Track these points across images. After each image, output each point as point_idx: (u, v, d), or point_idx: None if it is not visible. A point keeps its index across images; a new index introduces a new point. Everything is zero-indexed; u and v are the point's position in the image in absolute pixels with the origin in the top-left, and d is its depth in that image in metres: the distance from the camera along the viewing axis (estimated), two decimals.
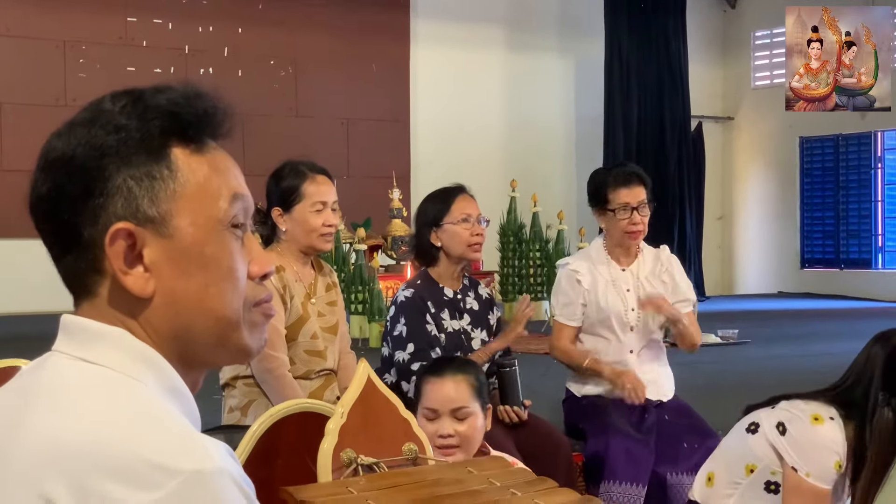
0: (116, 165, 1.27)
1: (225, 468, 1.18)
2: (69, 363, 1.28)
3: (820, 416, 3.34)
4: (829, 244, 16.14)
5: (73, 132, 1.29)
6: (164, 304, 1.29)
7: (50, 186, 1.28)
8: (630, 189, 4.67)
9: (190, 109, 1.32)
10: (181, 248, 1.29)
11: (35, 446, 1.20)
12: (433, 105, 14.74)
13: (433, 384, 3.37)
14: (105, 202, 1.27)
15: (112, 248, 1.26)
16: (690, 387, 5.11)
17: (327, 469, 2.52)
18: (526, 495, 2.46)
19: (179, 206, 1.29)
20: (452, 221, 4.40)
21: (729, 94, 17.14)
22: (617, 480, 4.28)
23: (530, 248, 10.59)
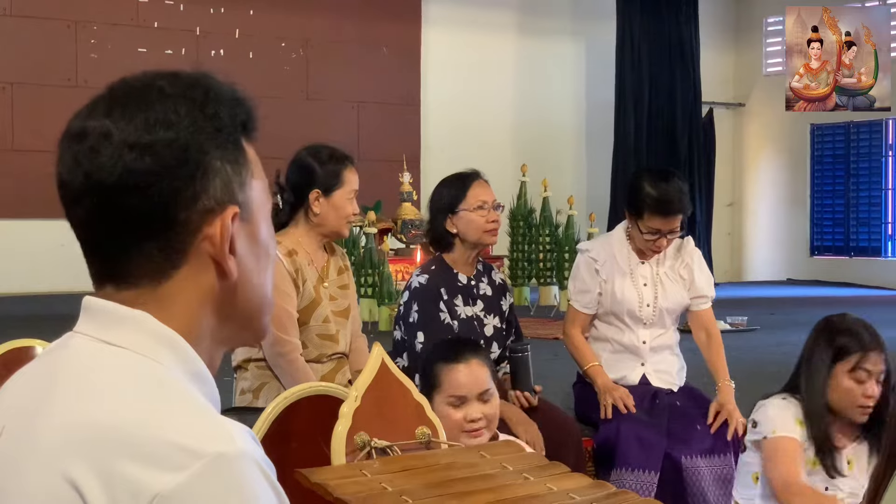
0: (215, 149, 1.28)
1: (248, 451, 1.19)
2: (92, 345, 1.28)
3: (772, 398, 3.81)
4: (838, 232, 16.12)
5: (170, 112, 1.27)
6: (241, 288, 1.32)
7: (151, 165, 1.25)
8: (666, 219, 4.54)
9: (248, 101, 1.35)
10: (253, 234, 1.33)
11: (59, 429, 1.21)
12: (444, 88, 14.72)
13: (456, 371, 3.38)
14: (206, 185, 1.27)
15: (223, 230, 1.27)
16: (701, 373, 5.12)
17: (341, 452, 2.53)
18: (538, 479, 2.47)
19: (253, 194, 1.33)
20: (468, 208, 4.38)
21: (740, 81, 17.09)
22: (629, 467, 4.28)
23: (540, 232, 10.59)
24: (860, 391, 3.69)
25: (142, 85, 1.31)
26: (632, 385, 4.63)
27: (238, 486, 1.16)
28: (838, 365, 3.71)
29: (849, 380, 3.70)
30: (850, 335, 3.73)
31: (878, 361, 3.71)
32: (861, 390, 3.69)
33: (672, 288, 4.70)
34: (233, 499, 1.15)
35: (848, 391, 3.70)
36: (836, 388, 3.72)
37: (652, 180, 4.56)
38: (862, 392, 3.69)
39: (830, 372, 3.72)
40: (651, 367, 4.70)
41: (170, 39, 13.15)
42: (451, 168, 4.66)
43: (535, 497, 2.38)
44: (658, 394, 4.61)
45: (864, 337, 3.73)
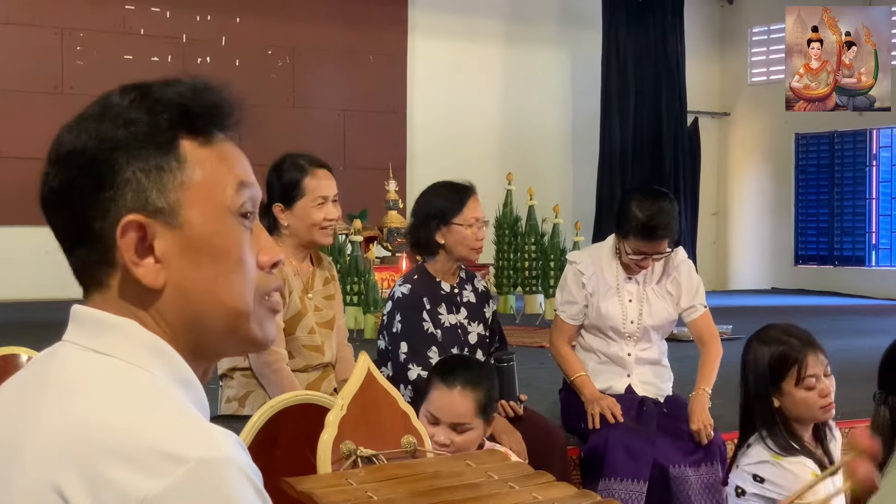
0: (126, 158, 1.28)
1: (233, 457, 1.19)
2: (80, 354, 1.30)
3: (776, 453, 3.68)
4: (823, 241, 16.17)
5: (83, 126, 1.30)
6: (175, 295, 1.30)
7: (61, 180, 1.29)
8: (651, 243, 4.53)
9: (198, 102, 1.33)
10: (191, 239, 1.30)
11: (45, 437, 1.22)
12: (430, 97, 14.73)
13: (441, 392, 3.39)
14: (115, 195, 1.28)
15: (123, 239, 1.27)
16: (687, 381, 5.12)
17: (327, 461, 2.54)
18: (524, 489, 2.48)
19: (188, 196, 1.30)
20: (462, 223, 4.36)
21: (726, 90, 17.14)
22: (617, 477, 4.28)
23: (526, 241, 10.58)
24: (816, 394, 3.69)
25: (101, 98, 1.34)
26: (618, 394, 4.63)
27: (222, 492, 1.16)
28: (783, 383, 3.69)
29: (800, 391, 3.69)
30: (779, 352, 3.71)
31: (816, 362, 3.70)
32: (816, 393, 3.69)
33: (658, 305, 4.68)
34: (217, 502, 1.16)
35: (805, 401, 3.69)
36: (793, 402, 3.70)
37: (641, 202, 4.50)
38: (818, 394, 3.69)
39: (779, 390, 3.70)
40: (637, 378, 4.71)
41: (156, 47, 13.13)
42: (437, 176, 4.65)
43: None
44: (645, 402, 4.61)
45: (793, 344, 3.72)
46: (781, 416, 3.73)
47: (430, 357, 4.24)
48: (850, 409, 5.25)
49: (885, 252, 15.54)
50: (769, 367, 3.71)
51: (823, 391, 3.69)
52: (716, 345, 4.67)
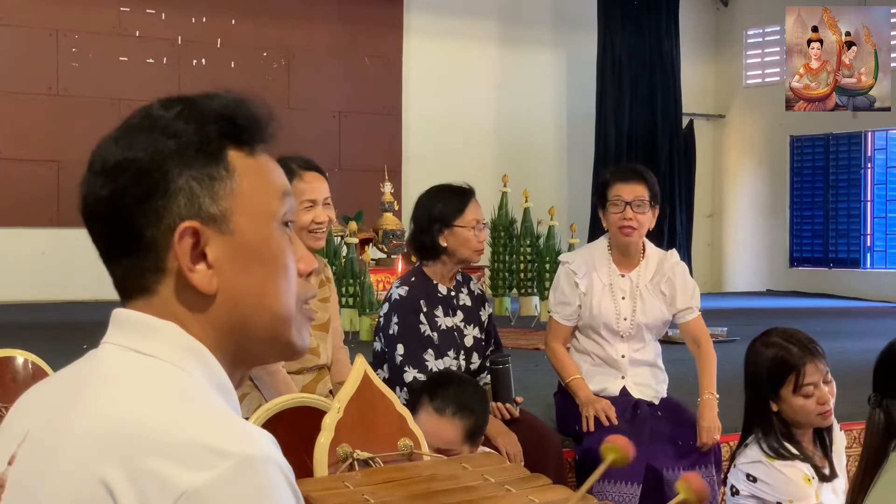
0: (178, 168, 1.31)
1: (273, 455, 1.23)
2: (121, 353, 1.33)
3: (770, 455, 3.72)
4: (818, 243, 16.19)
5: (132, 137, 1.33)
6: (225, 300, 1.34)
7: (112, 189, 1.32)
8: (627, 184, 4.60)
9: (243, 114, 1.37)
10: (241, 245, 1.34)
11: (88, 431, 1.24)
12: (426, 99, 14.73)
13: (430, 416, 3.39)
14: (168, 203, 1.31)
15: (180, 245, 1.30)
16: (681, 384, 5.14)
17: (323, 463, 2.54)
18: (520, 492, 2.48)
19: (238, 204, 1.34)
20: (464, 226, 4.38)
21: (721, 92, 17.16)
22: (611, 479, 4.28)
23: (521, 243, 10.60)
24: (814, 401, 3.71)
25: (141, 109, 1.37)
26: (612, 396, 4.64)
27: (263, 489, 1.20)
28: (782, 391, 3.72)
29: (798, 398, 3.71)
30: (778, 358, 3.73)
31: (815, 370, 3.71)
32: (815, 400, 3.71)
33: (651, 302, 4.69)
34: (258, 500, 1.19)
35: (803, 408, 3.72)
36: (791, 409, 3.73)
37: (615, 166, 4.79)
38: (816, 401, 3.71)
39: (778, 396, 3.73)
40: (631, 380, 4.71)
41: (151, 48, 13.14)
42: (433, 178, 4.66)
43: None
44: (639, 404, 4.62)
45: (792, 351, 3.73)
46: (780, 420, 3.74)
47: (426, 360, 4.25)
48: (844, 411, 5.24)
49: (880, 254, 15.56)
50: (768, 372, 3.74)
51: (821, 398, 3.71)
52: (710, 346, 4.69)
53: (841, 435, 3.96)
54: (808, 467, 3.70)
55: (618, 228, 4.62)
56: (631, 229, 4.61)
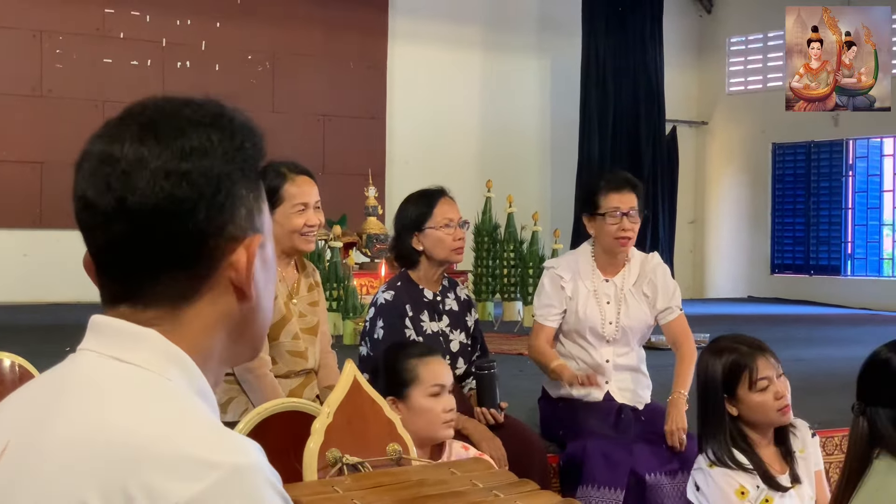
0: (242, 178, 1.33)
1: (261, 463, 1.23)
2: (101, 361, 1.31)
3: (711, 462, 3.78)
4: (799, 250, 16.25)
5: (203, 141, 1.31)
6: (253, 311, 1.37)
7: (188, 192, 1.29)
8: (622, 194, 4.65)
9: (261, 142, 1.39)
10: (266, 259, 1.38)
11: (69, 444, 1.23)
12: (410, 103, 14.74)
13: (434, 363, 3.56)
14: (234, 213, 1.32)
15: (250, 258, 1.33)
16: (665, 390, 5.15)
17: (313, 468, 2.56)
18: (508, 497, 2.50)
19: (266, 223, 1.39)
20: (435, 226, 4.41)
21: (704, 99, 17.22)
22: (595, 485, 4.31)
23: (505, 248, 10.63)
24: (771, 397, 3.74)
25: (170, 111, 1.34)
26: (596, 401, 4.66)
27: (253, 497, 1.20)
28: (738, 390, 3.76)
29: (754, 395, 3.74)
30: (730, 360, 3.78)
31: (766, 365, 3.76)
32: (771, 396, 3.74)
33: (635, 306, 4.73)
34: None
35: (761, 405, 3.75)
36: (750, 408, 3.76)
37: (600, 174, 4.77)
38: (773, 396, 3.75)
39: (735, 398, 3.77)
40: (615, 385, 4.74)
41: (136, 50, 13.11)
42: (417, 183, 4.69)
43: None
44: (623, 410, 4.64)
45: (742, 351, 3.78)
46: (737, 427, 3.77)
47: None
48: (827, 418, 5.29)
49: (861, 262, 15.64)
50: (723, 375, 3.78)
51: (778, 393, 3.75)
52: (690, 347, 4.71)
53: (814, 441, 3.98)
54: (750, 478, 3.73)
55: (614, 239, 4.65)
56: (627, 239, 4.66)
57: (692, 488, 3.83)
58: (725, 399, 3.79)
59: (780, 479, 3.78)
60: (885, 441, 3.12)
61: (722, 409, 3.77)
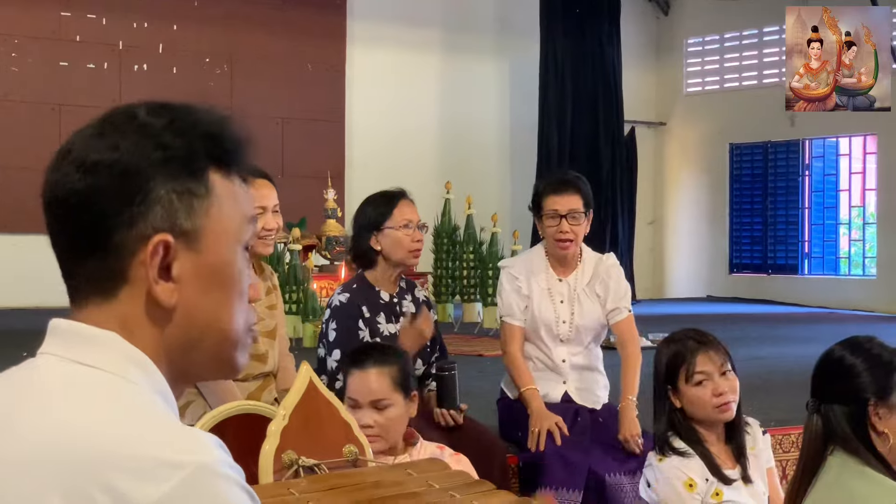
0: (162, 178, 1.31)
1: (224, 460, 1.23)
2: (62, 365, 1.31)
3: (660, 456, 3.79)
4: (757, 250, 16.37)
5: (118, 138, 1.32)
6: (181, 316, 1.34)
7: (90, 185, 1.30)
8: (561, 196, 4.64)
9: (228, 136, 1.38)
10: (206, 265, 1.34)
11: (31, 448, 1.23)
12: (368, 106, 14.73)
13: (355, 376, 3.52)
14: (145, 211, 1.30)
15: (152, 257, 1.30)
16: None
17: (268, 471, 2.55)
18: (464, 497, 2.50)
19: (210, 224, 1.34)
20: (394, 226, 4.42)
21: (662, 100, 17.32)
22: (553, 486, 4.32)
23: (464, 250, 10.63)
24: (709, 393, 3.75)
25: (123, 110, 1.36)
26: (554, 402, 4.67)
27: (218, 495, 1.20)
28: (679, 383, 3.77)
29: (692, 389, 3.76)
30: (673, 351, 3.81)
31: (707, 360, 3.76)
32: (710, 391, 3.75)
33: (588, 305, 4.74)
34: None
35: (698, 399, 3.76)
36: (688, 401, 3.78)
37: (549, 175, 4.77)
38: (712, 392, 3.75)
39: (677, 390, 3.78)
40: (573, 385, 4.75)
41: (92, 53, 13.02)
42: (376, 185, 4.69)
43: None
44: (580, 411, 4.66)
45: (687, 344, 3.80)
46: (682, 418, 3.80)
47: None
48: (783, 416, 5.34)
49: (818, 260, 15.77)
50: (666, 366, 3.81)
51: (716, 390, 3.75)
52: (635, 349, 4.73)
53: (765, 438, 3.99)
54: (699, 471, 3.73)
55: (555, 241, 4.66)
56: (568, 242, 4.66)
57: (644, 485, 3.84)
58: (670, 390, 3.81)
59: (729, 472, 3.79)
60: (839, 438, 3.15)
61: (665, 398, 3.81)
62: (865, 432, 3.13)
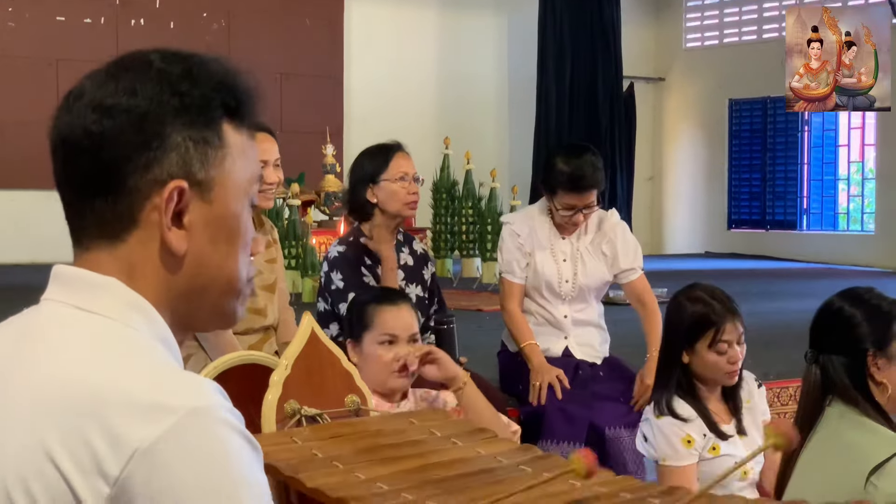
0: (179, 125, 1.32)
1: (220, 404, 1.24)
2: (64, 310, 1.32)
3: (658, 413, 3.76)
4: (755, 206, 16.36)
5: (135, 83, 1.33)
6: (189, 264, 1.35)
7: (106, 128, 1.31)
8: (580, 195, 4.59)
9: (242, 87, 1.39)
10: (216, 216, 1.36)
11: (31, 391, 1.24)
12: (367, 61, 14.67)
13: (391, 312, 3.56)
14: (161, 156, 1.31)
15: (167, 202, 1.31)
16: (622, 344, 5.20)
17: (271, 420, 2.57)
18: (466, 444, 2.52)
19: (222, 175, 1.35)
20: (390, 179, 4.41)
21: (661, 56, 17.25)
22: (554, 439, 4.34)
23: (463, 205, 10.63)
24: (725, 360, 3.74)
25: (138, 55, 1.36)
26: (555, 357, 4.68)
27: (213, 438, 1.21)
28: (697, 343, 3.74)
29: (711, 354, 3.74)
30: (700, 313, 3.76)
31: (732, 329, 3.74)
32: (725, 359, 3.74)
33: (592, 264, 4.72)
34: (208, 450, 1.21)
35: (714, 364, 3.74)
36: (702, 363, 3.76)
37: (565, 157, 4.61)
38: (727, 360, 3.75)
39: (692, 349, 3.76)
40: (574, 341, 4.75)
41: (89, 8, 12.94)
42: (374, 140, 4.68)
43: (464, 461, 2.43)
44: (581, 365, 4.66)
45: (715, 308, 3.76)
46: (686, 376, 3.79)
47: None
48: (782, 369, 5.36)
49: (816, 216, 15.77)
50: (688, 324, 3.76)
51: (732, 358, 3.75)
52: (656, 304, 4.73)
53: (760, 391, 4.00)
54: (697, 427, 3.74)
55: (566, 224, 4.65)
56: (577, 227, 4.66)
57: (640, 439, 3.83)
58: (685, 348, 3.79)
59: (726, 428, 3.81)
60: (838, 388, 3.17)
61: (678, 356, 3.78)
62: (864, 383, 3.15)
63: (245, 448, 1.25)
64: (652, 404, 3.82)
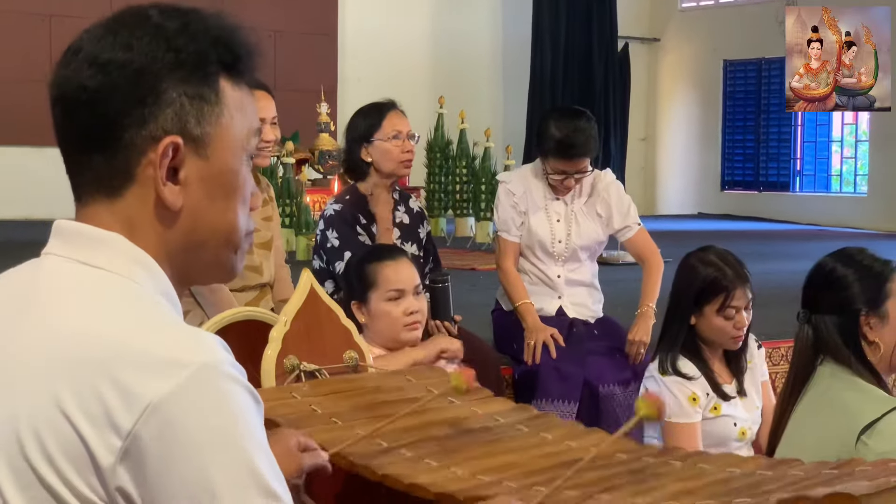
0: (174, 81, 1.32)
1: (226, 359, 1.27)
2: (67, 266, 1.33)
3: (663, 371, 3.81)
4: (748, 167, 16.37)
5: (131, 38, 1.33)
6: (186, 219, 1.36)
7: (101, 83, 1.31)
8: (570, 161, 4.59)
9: (239, 43, 1.40)
10: (213, 172, 1.37)
11: (40, 346, 1.25)
12: (362, 19, 14.60)
13: (392, 267, 3.63)
14: (156, 112, 1.32)
15: (161, 158, 1.32)
16: (616, 303, 5.23)
17: (271, 375, 2.59)
18: (463, 403, 2.54)
19: (218, 131, 1.36)
20: (383, 137, 4.42)
21: (656, 16, 17.19)
22: (549, 398, 4.36)
23: (457, 164, 10.61)
24: (731, 325, 3.77)
25: (137, 10, 1.37)
26: (549, 316, 4.70)
27: (221, 392, 1.24)
28: (706, 306, 3.77)
29: (718, 318, 3.77)
30: (711, 276, 3.78)
31: (742, 295, 3.77)
32: (732, 324, 3.77)
33: (586, 225, 4.73)
34: (217, 404, 1.23)
35: (720, 329, 3.78)
36: (709, 327, 3.79)
37: (558, 121, 4.59)
38: (734, 325, 3.77)
39: (700, 312, 3.78)
40: (568, 300, 4.77)
41: None
42: (369, 99, 4.68)
43: (460, 419, 2.46)
44: (574, 323, 4.68)
45: (727, 273, 3.78)
46: (691, 337, 3.82)
47: None
48: (774, 330, 5.39)
49: (809, 178, 15.79)
50: (699, 287, 3.78)
51: (739, 323, 3.78)
52: (657, 259, 4.73)
53: (760, 352, 4.03)
54: (701, 386, 3.77)
55: (557, 187, 4.65)
56: (569, 190, 4.67)
57: (642, 394, 3.87)
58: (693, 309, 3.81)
59: (727, 388, 3.84)
60: (829, 347, 3.20)
61: (686, 317, 3.80)
62: (856, 342, 3.17)
63: (249, 402, 1.28)
64: (656, 361, 3.85)
